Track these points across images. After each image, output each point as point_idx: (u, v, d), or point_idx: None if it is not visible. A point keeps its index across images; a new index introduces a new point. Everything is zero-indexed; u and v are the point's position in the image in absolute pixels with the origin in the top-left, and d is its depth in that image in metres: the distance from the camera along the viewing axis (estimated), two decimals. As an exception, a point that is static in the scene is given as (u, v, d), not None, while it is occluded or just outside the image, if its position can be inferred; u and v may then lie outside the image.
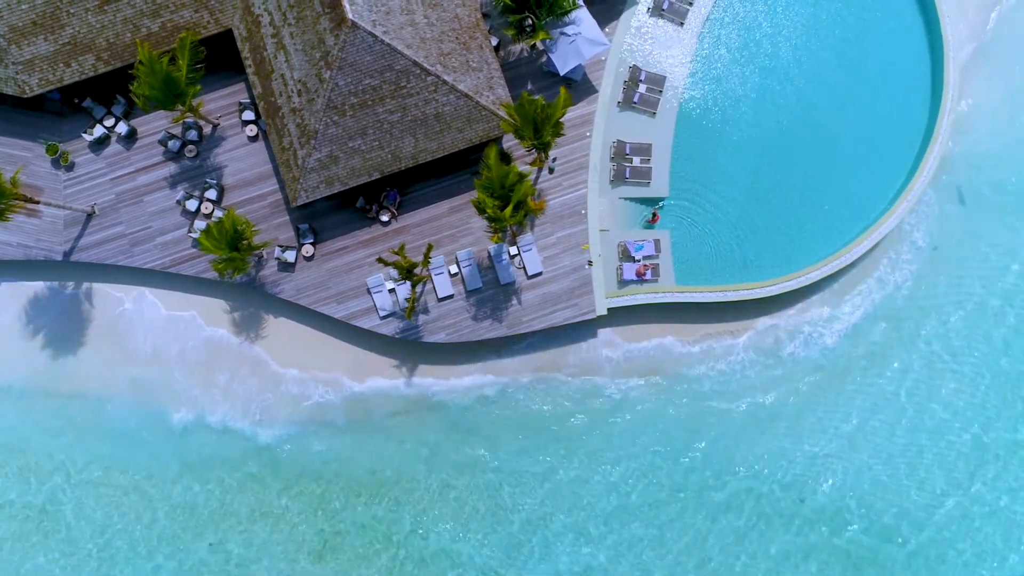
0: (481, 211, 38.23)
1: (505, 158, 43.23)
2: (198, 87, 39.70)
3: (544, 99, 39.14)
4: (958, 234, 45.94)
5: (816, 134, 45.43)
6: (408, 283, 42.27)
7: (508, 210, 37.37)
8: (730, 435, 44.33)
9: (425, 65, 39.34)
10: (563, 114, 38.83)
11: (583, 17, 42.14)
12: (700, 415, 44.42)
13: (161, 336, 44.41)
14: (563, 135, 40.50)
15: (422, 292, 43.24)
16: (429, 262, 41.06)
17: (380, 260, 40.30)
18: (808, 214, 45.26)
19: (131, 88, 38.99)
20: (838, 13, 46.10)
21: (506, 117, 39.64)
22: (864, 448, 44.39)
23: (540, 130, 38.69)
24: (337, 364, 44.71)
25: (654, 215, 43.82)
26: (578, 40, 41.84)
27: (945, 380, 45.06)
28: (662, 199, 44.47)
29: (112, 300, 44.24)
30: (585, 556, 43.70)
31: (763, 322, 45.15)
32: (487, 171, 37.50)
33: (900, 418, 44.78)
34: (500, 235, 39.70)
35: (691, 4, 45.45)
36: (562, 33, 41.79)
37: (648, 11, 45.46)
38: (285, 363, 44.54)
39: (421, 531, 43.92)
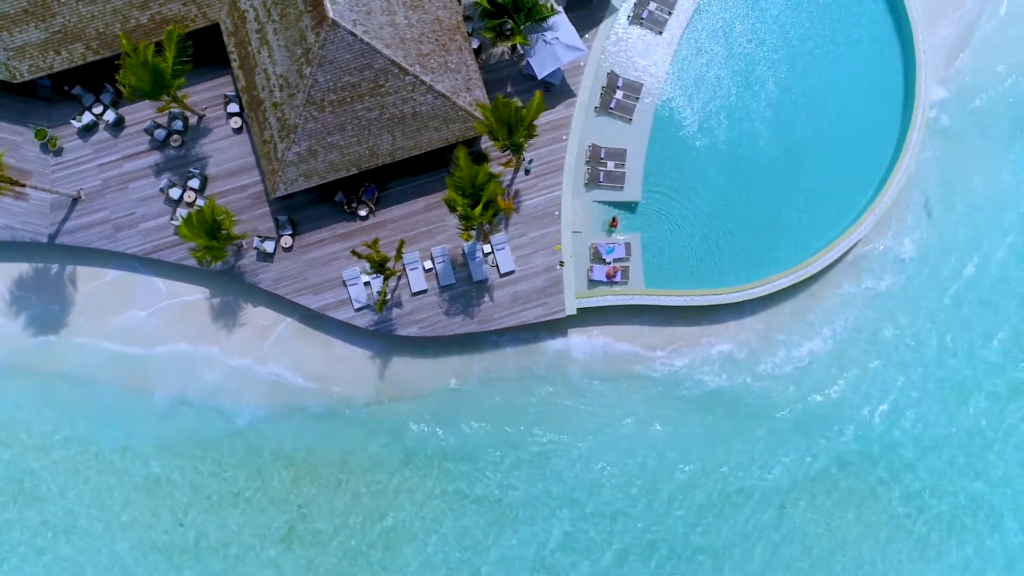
0: (452, 209, 39.24)
1: (482, 158, 44.29)
2: (183, 80, 40.73)
3: (519, 102, 40.19)
4: (929, 243, 46.81)
5: (790, 144, 46.43)
6: (381, 277, 43.25)
7: (478, 209, 38.39)
8: (696, 436, 45.29)
9: (404, 65, 40.38)
10: (536, 117, 39.85)
11: (561, 23, 43.15)
12: (663, 416, 45.33)
13: (142, 320, 45.42)
14: (536, 136, 41.60)
15: (396, 287, 44.26)
16: (401, 258, 42.10)
17: (354, 253, 41.31)
18: (779, 222, 46.18)
19: (117, 77, 40.10)
20: (814, 26, 47.10)
21: (481, 118, 40.63)
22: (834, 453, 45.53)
23: (514, 132, 39.72)
24: (312, 353, 45.68)
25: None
26: (556, 45, 42.86)
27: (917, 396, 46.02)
28: (634, 203, 45.42)
29: (95, 283, 45.28)
30: (549, 550, 44.70)
31: (732, 327, 45.98)
32: (458, 170, 38.55)
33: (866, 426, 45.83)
34: (471, 233, 40.69)
35: (670, 14, 46.42)
36: (541, 38, 42.79)
37: (628, 19, 46.45)
38: (262, 350, 45.51)
39: (389, 519, 44.87)
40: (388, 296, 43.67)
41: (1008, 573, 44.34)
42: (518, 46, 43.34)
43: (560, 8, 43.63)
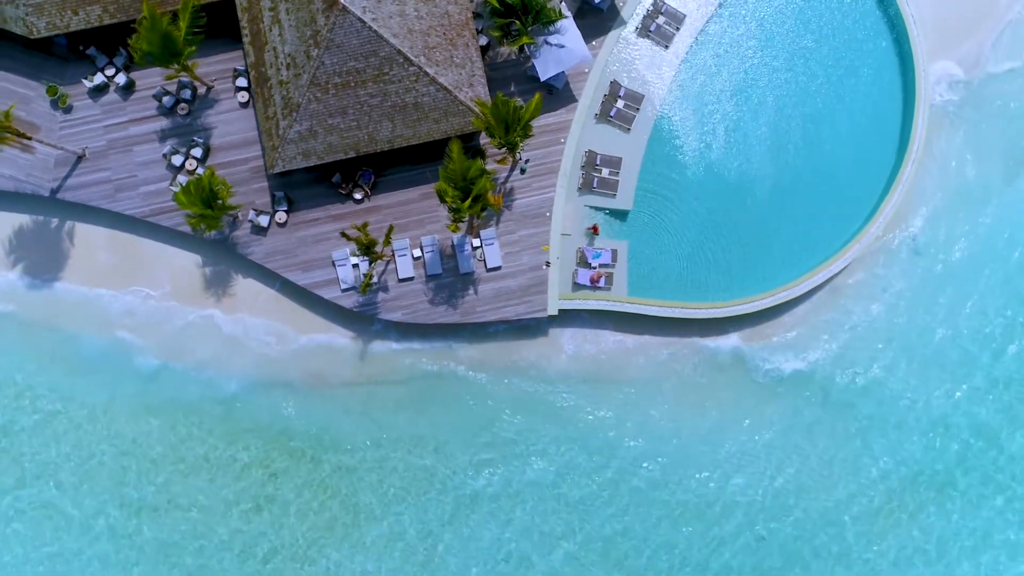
0: (443, 200, 40.06)
1: (479, 154, 45.09)
2: (193, 48, 41.64)
3: (519, 101, 41.04)
4: (908, 282, 47.33)
5: (784, 167, 46.99)
6: (378, 260, 43.98)
7: (467, 202, 39.20)
8: (650, 442, 46.15)
9: (409, 55, 41.24)
10: (532, 117, 40.66)
11: (569, 27, 43.87)
12: (635, 417, 46.19)
13: (134, 281, 46.36)
14: (532, 137, 42.42)
15: (383, 272, 45.10)
16: (390, 243, 42.93)
17: (343, 234, 42.18)
18: (767, 243, 46.72)
19: (129, 41, 41.06)
20: (819, 52, 47.65)
21: (479, 113, 41.42)
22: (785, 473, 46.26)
23: (510, 130, 40.51)
24: (297, 329, 46.44)
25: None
26: (561, 49, 43.58)
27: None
28: (625, 212, 46.12)
29: (90, 241, 46.25)
30: (508, 536, 45.64)
31: (711, 340, 46.54)
32: (450, 163, 39.37)
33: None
34: (459, 225, 41.49)
35: (678, 29, 47.05)
36: (546, 41, 43.52)
37: (636, 31, 47.11)
38: (247, 322, 46.27)
39: (355, 496, 45.69)
40: (373, 280, 44.52)
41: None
42: (525, 47, 44.07)
43: (569, 14, 44.36)
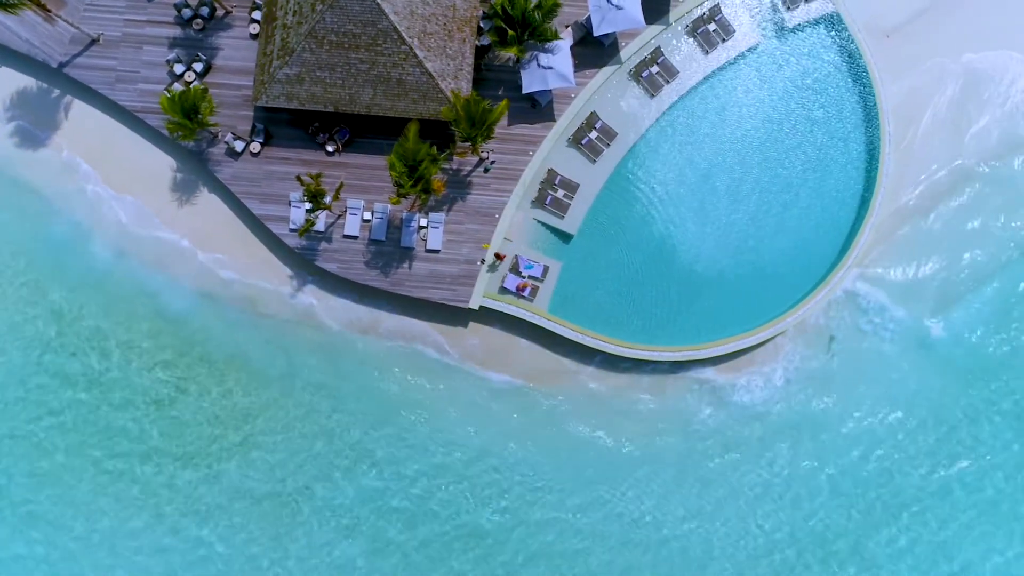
0: (390, 171, 42.67)
1: (449, 142, 47.55)
2: (216, -27, 44.73)
3: (488, 104, 43.56)
4: (810, 381, 49.29)
5: (727, 239, 49.14)
6: (322, 210, 46.65)
7: (410, 181, 41.78)
8: (530, 448, 48.66)
9: (404, 35, 43.87)
10: (495, 121, 43.09)
11: (562, 50, 46.19)
12: (521, 426, 48.79)
13: (108, 167, 49.48)
14: (493, 139, 44.88)
15: (332, 224, 47.80)
16: (338, 198, 45.62)
17: (298, 178, 44.94)
18: (688, 304, 48.84)
19: (160, -50, 44.20)
20: (793, 144, 49.76)
21: (452, 104, 43.94)
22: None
23: (474, 127, 43.02)
24: (244, 254, 49.37)
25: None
26: (548, 70, 45.90)
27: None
28: (568, 235, 48.37)
29: (79, 120, 49.47)
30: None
31: (596, 371, 48.85)
32: (405, 141, 41.95)
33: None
34: (401, 200, 44.05)
35: (668, 82, 49.13)
36: (536, 57, 45.89)
37: (629, 72, 49.24)
38: (196, 234, 49.27)
39: (249, 421, 48.51)
40: (318, 228, 47.20)
41: None
42: (517, 56, 46.45)
43: (567, 38, 46.64)
